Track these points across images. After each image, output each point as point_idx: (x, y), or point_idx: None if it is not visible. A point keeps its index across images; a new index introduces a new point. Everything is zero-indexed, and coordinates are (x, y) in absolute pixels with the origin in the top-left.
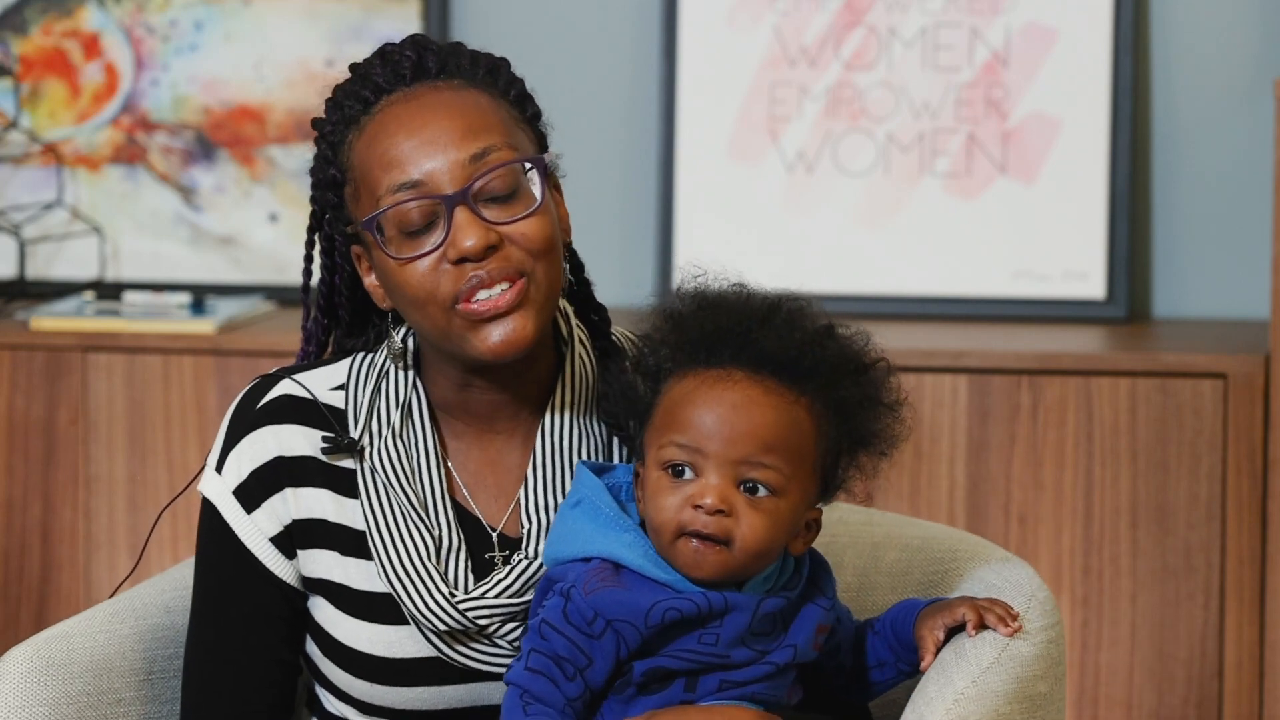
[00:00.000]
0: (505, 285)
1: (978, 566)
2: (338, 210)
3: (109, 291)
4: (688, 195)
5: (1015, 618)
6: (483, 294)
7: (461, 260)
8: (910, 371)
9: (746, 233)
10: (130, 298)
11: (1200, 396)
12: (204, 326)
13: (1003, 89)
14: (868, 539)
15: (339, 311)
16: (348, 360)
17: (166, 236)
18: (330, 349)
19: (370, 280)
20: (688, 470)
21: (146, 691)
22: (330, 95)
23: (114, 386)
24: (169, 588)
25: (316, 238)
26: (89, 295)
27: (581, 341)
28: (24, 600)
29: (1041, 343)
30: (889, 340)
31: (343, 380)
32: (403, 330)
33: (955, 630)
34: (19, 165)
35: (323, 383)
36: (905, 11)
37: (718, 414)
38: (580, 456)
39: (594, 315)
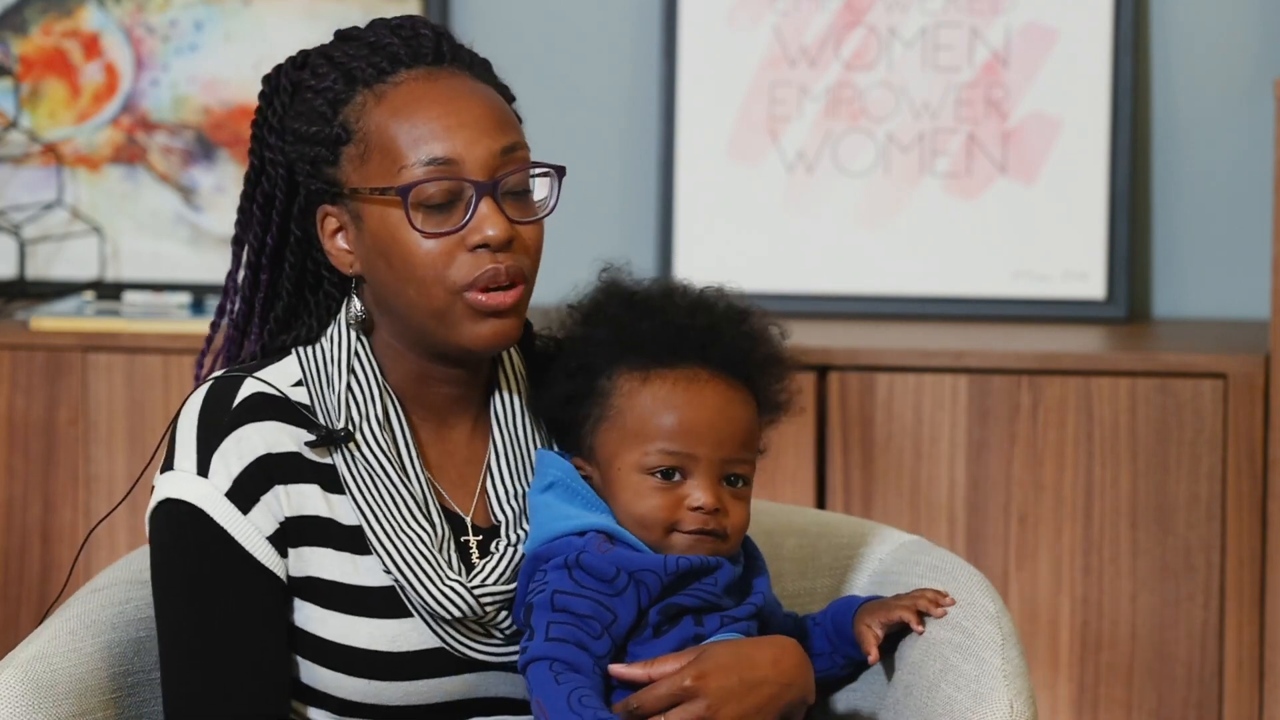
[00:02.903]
0: (510, 285)
1: (887, 549)
2: (320, 166)
3: (109, 291)
4: (688, 195)
5: (944, 595)
6: (495, 290)
7: (479, 247)
8: (910, 372)
9: (746, 233)
10: (130, 298)
11: (1200, 396)
12: (204, 326)
13: (1003, 89)
14: (761, 527)
15: (261, 275)
16: (290, 357)
17: (166, 236)
18: (254, 337)
19: (335, 244)
20: (676, 473)
21: (113, 712)
22: (320, 53)
23: (114, 386)
24: (107, 603)
25: (256, 193)
26: (89, 295)
27: None
28: (24, 600)
29: (1041, 343)
30: (889, 340)
31: (299, 376)
32: (355, 305)
33: (893, 627)
34: (19, 165)
35: (283, 380)
36: (905, 11)
37: (704, 417)
38: (533, 445)
39: None
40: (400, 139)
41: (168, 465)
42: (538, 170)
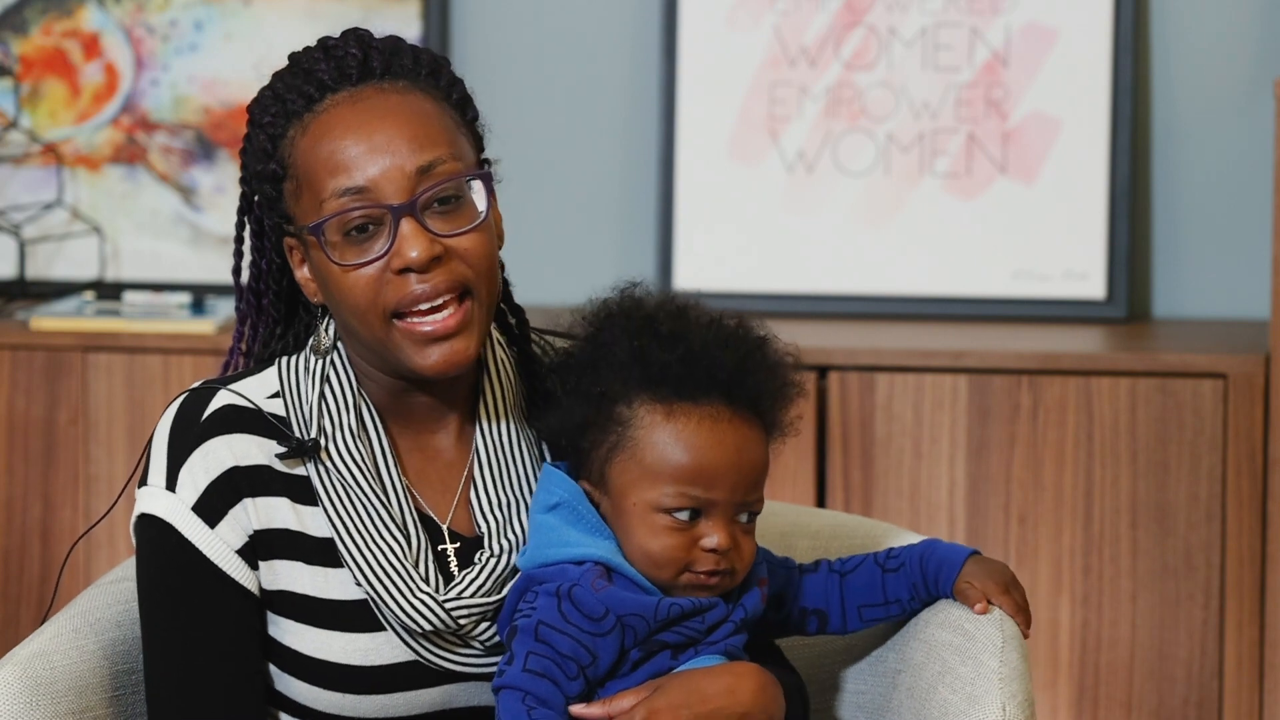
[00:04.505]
0: (448, 300)
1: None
2: (274, 203)
3: (109, 291)
4: (688, 195)
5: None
6: (424, 306)
7: (405, 271)
8: (910, 372)
9: (746, 233)
10: (130, 298)
11: (1200, 396)
12: (204, 326)
13: (1003, 89)
14: (775, 529)
15: (263, 300)
16: (272, 368)
17: (166, 236)
18: (255, 350)
19: (303, 274)
20: (692, 513)
21: (113, 709)
22: (269, 85)
23: (114, 386)
24: (110, 601)
25: (246, 220)
26: (89, 295)
27: (498, 339)
28: (24, 600)
29: (1041, 343)
30: (889, 340)
31: (276, 388)
32: (329, 326)
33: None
34: (19, 165)
35: (258, 391)
36: (905, 11)
37: (725, 461)
38: (518, 453)
39: (511, 318)
40: (318, 172)
41: (144, 480)
42: (467, 178)
